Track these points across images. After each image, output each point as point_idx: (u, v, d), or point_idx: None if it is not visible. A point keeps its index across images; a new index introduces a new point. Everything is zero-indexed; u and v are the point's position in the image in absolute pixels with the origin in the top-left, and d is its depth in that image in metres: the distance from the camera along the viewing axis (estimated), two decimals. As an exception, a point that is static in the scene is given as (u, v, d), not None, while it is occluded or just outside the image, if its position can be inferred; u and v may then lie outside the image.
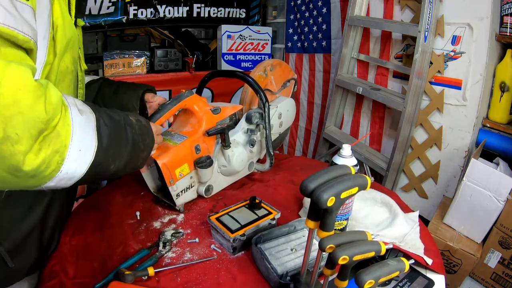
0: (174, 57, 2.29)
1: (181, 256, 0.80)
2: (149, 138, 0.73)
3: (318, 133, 2.49)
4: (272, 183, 1.16)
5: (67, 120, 0.51)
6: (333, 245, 0.53)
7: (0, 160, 0.43)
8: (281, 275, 0.71)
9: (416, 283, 0.75)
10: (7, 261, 0.60)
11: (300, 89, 2.62)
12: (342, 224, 0.82)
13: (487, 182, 1.23)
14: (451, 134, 1.62)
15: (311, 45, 2.45)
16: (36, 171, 0.47)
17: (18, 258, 0.62)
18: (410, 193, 1.85)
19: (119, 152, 0.63)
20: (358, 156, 1.88)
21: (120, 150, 0.63)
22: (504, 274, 1.26)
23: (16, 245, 0.62)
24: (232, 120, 1.06)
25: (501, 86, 1.41)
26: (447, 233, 1.36)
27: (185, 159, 0.94)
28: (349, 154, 0.78)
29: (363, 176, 0.56)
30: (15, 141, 0.43)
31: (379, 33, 1.93)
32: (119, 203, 1.02)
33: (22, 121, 0.43)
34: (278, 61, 1.26)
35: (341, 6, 2.14)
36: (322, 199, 0.51)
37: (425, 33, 1.51)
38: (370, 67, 2.02)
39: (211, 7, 2.49)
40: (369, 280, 0.49)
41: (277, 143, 1.32)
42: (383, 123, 2.00)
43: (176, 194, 0.95)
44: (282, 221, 0.89)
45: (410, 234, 0.85)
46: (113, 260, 0.78)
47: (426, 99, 1.69)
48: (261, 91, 1.06)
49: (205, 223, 0.92)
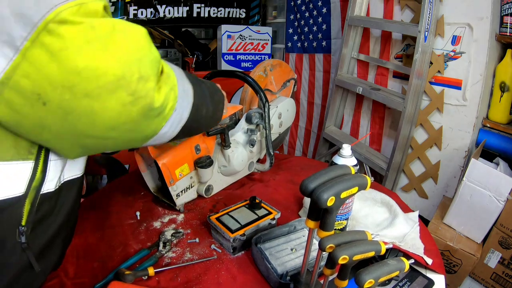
0: (174, 57, 2.30)
1: (181, 256, 0.80)
2: (219, 92, 0.81)
3: (318, 133, 2.49)
4: (272, 183, 1.16)
5: (167, 63, 0.57)
6: (333, 245, 0.53)
7: (137, 101, 0.48)
8: (281, 275, 0.71)
9: (416, 283, 0.75)
10: (33, 265, 0.56)
11: (300, 89, 2.62)
12: (342, 224, 0.83)
13: (487, 182, 1.23)
14: (451, 134, 1.62)
15: (311, 45, 2.45)
16: (161, 108, 0.52)
17: (43, 260, 0.59)
18: (410, 193, 1.85)
19: (205, 98, 0.69)
20: (358, 156, 1.88)
21: (205, 96, 0.69)
22: (504, 274, 1.26)
23: (43, 248, 0.58)
24: (232, 120, 1.06)
25: (501, 86, 1.41)
26: (447, 233, 1.36)
27: (185, 159, 0.94)
28: (349, 154, 0.78)
29: (363, 176, 0.56)
30: (146, 79, 0.48)
31: (379, 33, 1.93)
32: (119, 203, 1.02)
33: (149, 61, 0.49)
34: (278, 61, 1.26)
35: (341, 6, 2.14)
36: (322, 199, 0.51)
37: (425, 33, 1.51)
38: (370, 67, 2.02)
39: (211, 7, 2.49)
40: (369, 280, 0.50)
41: (277, 143, 1.32)
42: (383, 123, 2.00)
43: (176, 194, 0.95)
44: (282, 221, 0.89)
45: (410, 234, 0.85)
46: (113, 260, 0.78)
47: (426, 99, 1.69)
48: (261, 91, 1.06)
49: (205, 223, 0.92)
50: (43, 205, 0.56)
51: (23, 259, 0.55)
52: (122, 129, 0.50)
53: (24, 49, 0.40)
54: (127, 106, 0.47)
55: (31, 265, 0.56)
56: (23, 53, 0.40)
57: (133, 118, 0.49)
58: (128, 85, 0.46)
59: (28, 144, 0.51)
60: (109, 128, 0.49)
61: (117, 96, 0.46)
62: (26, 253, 0.54)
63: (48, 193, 0.56)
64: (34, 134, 0.48)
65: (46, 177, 0.54)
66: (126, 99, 0.47)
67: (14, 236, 0.52)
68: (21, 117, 0.44)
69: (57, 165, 0.56)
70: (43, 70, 0.41)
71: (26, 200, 0.52)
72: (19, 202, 0.52)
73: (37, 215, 0.55)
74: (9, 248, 0.52)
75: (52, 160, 0.55)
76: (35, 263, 0.56)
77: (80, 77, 0.43)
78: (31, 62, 0.41)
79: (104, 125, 0.48)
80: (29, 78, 0.41)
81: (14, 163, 0.50)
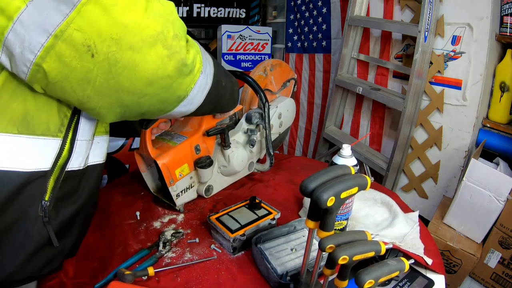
0: (174, 57, 2.29)
1: (181, 256, 0.80)
2: (233, 77, 0.84)
3: (318, 133, 2.49)
4: (272, 183, 1.16)
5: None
6: (333, 245, 0.53)
7: (173, 56, 0.54)
8: (281, 275, 0.71)
9: (416, 283, 0.75)
10: (53, 240, 0.59)
11: (300, 89, 2.62)
12: (342, 224, 0.83)
13: (487, 182, 1.23)
14: (451, 134, 1.62)
15: (311, 45, 2.45)
16: (191, 66, 0.58)
17: (61, 241, 0.62)
18: (410, 193, 1.85)
19: (222, 73, 0.74)
20: (358, 156, 1.88)
21: (222, 71, 0.75)
22: (504, 274, 1.26)
23: (61, 227, 0.61)
24: (232, 120, 1.06)
25: (501, 86, 1.41)
26: (447, 233, 1.36)
27: (185, 159, 0.94)
28: (349, 154, 0.78)
29: (363, 176, 0.56)
30: (179, 38, 0.55)
31: (379, 33, 1.93)
32: (119, 203, 1.02)
33: (180, 25, 0.56)
34: (278, 61, 1.26)
35: (341, 6, 2.14)
36: (322, 199, 0.51)
37: (425, 33, 1.51)
38: (370, 67, 2.02)
39: (211, 7, 2.49)
40: (369, 280, 0.49)
41: (277, 143, 1.32)
42: (383, 123, 2.00)
43: (176, 194, 0.95)
44: (282, 221, 0.89)
45: (410, 234, 0.85)
46: (113, 260, 0.78)
47: (426, 99, 1.69)
48: (261, 91, 1.06)
49: (205, 223, 0.92)
50: (66, 183, 0.60)
51: (43, 234, 0.58)
52: (158, 85, 0.55)
53: (80, 5, 0.44)
54: (164, 59, 0.53)
55: (50, 241, 0.60)
56: (78, 9, 0.44)
57: (169, 73, 0.54)
58: (165, 40, 0.52)
59: (59, 123, 0.56)
60: (147, 83, 0.53)
61: (156, 50, 0.51)
62: (46, 228, 0.58)
63: (72, 171, 0.60)
64: (79, 90, 0.51)
65: (71, 156, 0.59)
66: (163, 53, 0.52)
67: (37, 209, 0.56)
68: (69, 70, 0.48)
69: (83, 146, 0.61)
70: (95, 24, 0.46)
71: (51, 176, 0.57)
72: (45, 177, 0.56)
73: (59, 192, 0.59)
74: (32, 220, 0.56)
75: (79, 140, 0.60)
76: (54, 237, 0.60)
77: (127, 30, 0.48)
78: (85, 17, 0.45)
79: (143, 79, 0.53)
80: (82, 31, 0.46)
81: (44, 138, 0.55)
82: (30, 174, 0.54)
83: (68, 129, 0.58)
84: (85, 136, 0.61)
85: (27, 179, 0.54)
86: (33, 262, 0.59)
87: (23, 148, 0.53)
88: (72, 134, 0.59)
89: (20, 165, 0.53)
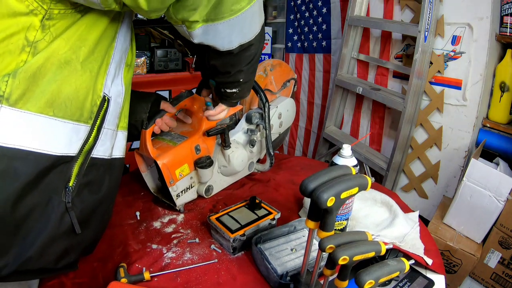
0: (174, 57, 2.28)
1: (181, 256, 0.80)
2: None
3: (318, 133, 2.49)
4: (272, 183, 1.16)
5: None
6: (333, 245, 0.53)
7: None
8: (281, 275, 0.71)
9: (416, 283, 0.75)
10: (75, 226, 0.60)
11: (300, 89, 2.62)
12: (342, 224, 0.82)
13: (487, 182, 1.23)
14: (451, 134, 1.62)
15: (311, 45, 2.45)
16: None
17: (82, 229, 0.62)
18: (410, 193, 1.85)
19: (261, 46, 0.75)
20: (358, 156, 1.88)
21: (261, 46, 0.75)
22: (504, 274, 1.26)
23: (83, 216, 0.61)
24: (232, 120, 1.06)
25: (501, 86, 1.41)
26: (447, 233, 1.36)
27: (185, 160, 0.94)
28: (349, 154, 0.78)
29: (363, 176, 0.56)
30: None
31: (379, 33, 1.93)
32: (119, 203, 1.02)
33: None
34: (278, 61, 1.26)
35: (341, 6, 2.14)
36: (322, 199, 0.51)
37: (425, 33, 1.51)
38: (370, 67, 2.02)
39: (211, 7, 2.49)
40: (369, 280, 0.49)
41: (277, 143, 1.32)
42: (383, 123, 2.00)
43: (176, 194, 0.95)
44: (282, 221, 0.89)
45: (410, 234, 0.85)
46: (113, 260, 0.78)
47: (426, 99, 1.69)
48: (261, 91, 1.06)
49: (205, 223, 0.92)
50: (91, 172, 0.61)
51: (65, 220, 0.58)
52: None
53: None
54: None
55: (71, 229, 0.60)
56: None
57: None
58: None
59: (90, 110, 0.58)
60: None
61: None
62: (69, 213, 0.58)
63: (97, 159, 0.62)
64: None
65: (97, 143, 0.60)
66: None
67: (61, 194, 0.57)
68: None
69: (108, 135, 0.63)
70: None
71: (76, 162, 0.58)
72: (70, 163, 0.57)
73: (84, 179, 0.60)
74: (55, 204, 0.56)
75: (105, 128, 0.62)
76: (77, 223, 0.60)
77: None
78: None
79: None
80: None
81: (77, 124, 0.56)
82: (58, 158, 0.54)
83: (97, 117, 0.59)
84: (111, 126, 0.63)
85: (54, 163, 0.54)
86: (52, 249, 0.58)
87: (55, 131, 0.53)
88: (100, 122, 0.60)
89: (50, 147, 0.53)
